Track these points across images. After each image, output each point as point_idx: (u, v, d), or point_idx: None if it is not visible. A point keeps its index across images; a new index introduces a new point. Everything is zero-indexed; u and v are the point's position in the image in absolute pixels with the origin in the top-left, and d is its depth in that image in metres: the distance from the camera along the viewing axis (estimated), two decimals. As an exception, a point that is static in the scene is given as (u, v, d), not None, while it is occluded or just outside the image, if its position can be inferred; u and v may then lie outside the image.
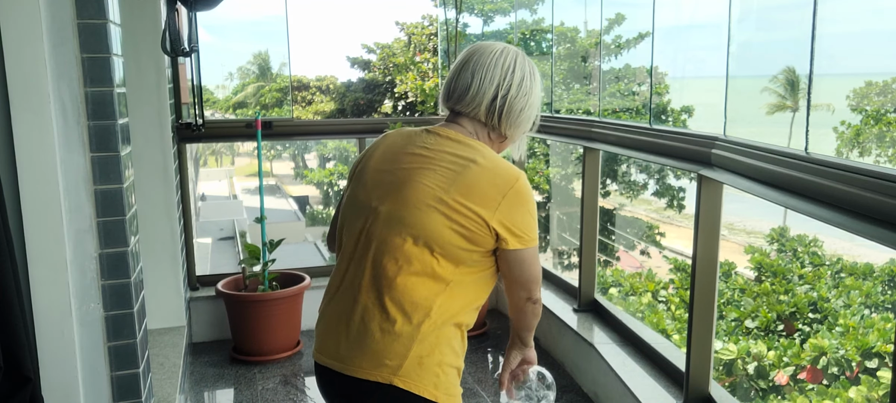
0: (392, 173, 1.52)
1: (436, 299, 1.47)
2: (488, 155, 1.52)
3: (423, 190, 1.47)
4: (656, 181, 15.56)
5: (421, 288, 1.47)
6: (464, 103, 1.55)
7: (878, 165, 2.98)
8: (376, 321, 1.47)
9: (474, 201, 1.45)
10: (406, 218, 1.47)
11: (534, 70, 1.58)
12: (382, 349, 1.46)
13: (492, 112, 1.55)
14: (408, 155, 1.53)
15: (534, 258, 1.54)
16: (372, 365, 1.46)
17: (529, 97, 1.57)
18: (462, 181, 1.46)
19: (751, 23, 8.01)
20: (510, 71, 1.55)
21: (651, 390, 2.85)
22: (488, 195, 1.46)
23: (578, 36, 13.85)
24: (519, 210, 1.48)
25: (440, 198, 1.45)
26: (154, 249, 3.59)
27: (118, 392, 2.17)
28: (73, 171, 2.03)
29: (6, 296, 1.67)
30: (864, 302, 9.23)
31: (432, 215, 1.45)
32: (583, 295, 3.68)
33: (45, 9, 1.93)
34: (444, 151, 1.51)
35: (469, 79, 1.54)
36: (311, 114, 14.79)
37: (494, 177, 1.48)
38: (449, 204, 1.45)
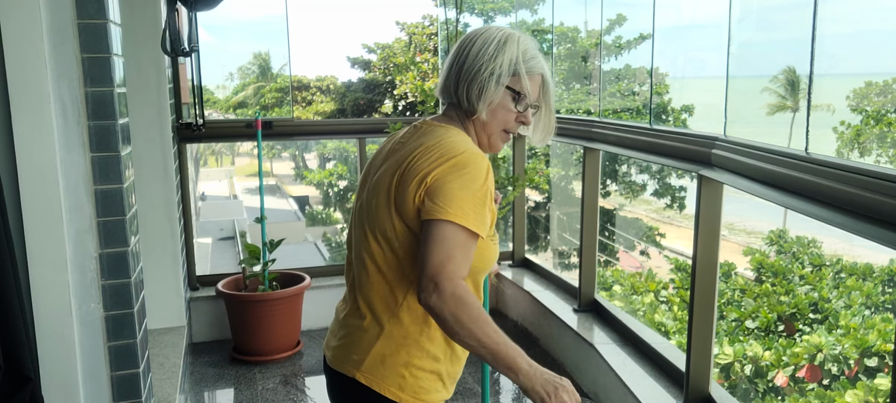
0: (372, 173, 1.50)
1: (402, 297, 1.43)
2: (447, 135, 1.42)
3: (380, 180, 1.44)
4: (656, 181, 15.57)
5: (379, 286, 1.44)
6: (440, 90, 1.53)
7: (878, 165, 2.98)
8: (351, 316, 1.49)
9: (409, 176, 1.37)
10: (367, 214, 1.46)
11: (508, 39, 1.46)
12: (351, 343, 1.47)
13: (453, 87, 1.48)
14: (387, 152, 1.50)
15: (450, 238, 1.31)
16: (342, 358, 1.48)
17: (488, 61, 1.43)
18: (407, 162, 1.39)
19: (751, 23, 8.02)
20: (471, 41, 1.47)
21: (651, 390, 2.85)
22: (420, 166, 1.37)
23: (579, 36, 13.85)
24: (449, 178, 1.34)
25: (388, 185, 1.41)
26: (154, 249, 3.59)
27: (118, 392, 2.17)
28: (73, 171, 2.03)
29: (6, 296, 1.67)
30: (865, 302, 9.23)
31: (381, 204, 1.42)
32: (583, 295, 3.68)
33: (45, 9, 1.93)
34: (413, 140, 1.45)
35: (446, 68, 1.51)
36: (312, 114, 14.80)
37: (436, 150, 1.38)
38: (391, 189, 1.40)
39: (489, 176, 1.39)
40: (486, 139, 1.52)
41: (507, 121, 1.50)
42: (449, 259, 1.30)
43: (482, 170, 1.37)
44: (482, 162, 1.38)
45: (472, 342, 1.29)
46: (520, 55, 1.45)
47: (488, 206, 1.38)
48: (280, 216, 20.90)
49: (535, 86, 1.50)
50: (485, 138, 1.51)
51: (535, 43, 1.51)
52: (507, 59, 1.44)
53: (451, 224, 1.31)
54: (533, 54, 1.48)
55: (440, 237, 1.31)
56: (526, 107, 1.49)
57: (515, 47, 1.45)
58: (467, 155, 1.37)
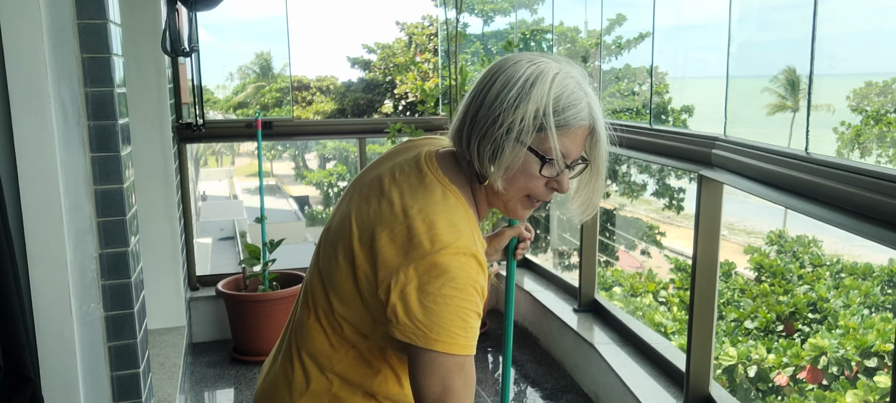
0: (348, 199, 1.24)
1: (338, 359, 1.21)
2: (439, 206, 1.11)
3: (340, 226, 1.19)
4: (656, 181, 15.57)
5: (324, 339, 1.21)
6: (452, 134, 1.19)
7: (878, 165, 2.98)
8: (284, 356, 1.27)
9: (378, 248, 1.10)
10: (321, 256, 1.23)
11: (539, 78, 1.09)
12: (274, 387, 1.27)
13: (465, 140, 1.15)
14: (371, 181, 1.21)
15: (441, 366, 1.07)
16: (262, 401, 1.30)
17: (507, 111, 1.09)
18: (377, 226, 1.12)
19: (751, 23, 8.01)
20: (492, 78, 1.13)
21: (651, 390, 2.85)
22: (391, 252, 1.09)
23: (579, 36, 13.86)
24: (429, 290, 1.06)
25: (350, 238, 1.15)
26: (154, 249, 3.59)
27: (118, 392, 2.17)
28: (73, 171, 2.03)
29: (6, 296, 1.67)
30: (864, 302, 9.23)
31: (340, 256, 1.16)
32: (583, 295, 3.68)
33: (45, 9, 1.93)
34: (399, 185, 1.16)
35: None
36: (312, 114, 14.80)
37: (417, 231, 1.08)
38: (356, 249, 1.14)
39: (480, 275, 1.10)
40: (501, 205, 1.20)
41: (531, 188, 1.15)
42: (446, 392, 1.08)
43: (469, 273, 1.08)
44: (472, 261, 1.08)
45: None
46: (549, 102, 1.08)
47: (480, 310, 1.11)
48: (280, 216, 20.91)
49: (574, 143, 1.13)
50: (500, 204, 1.19)
51: (578, 79, 1.13)
52: (531, 109, 1.08)
53: (437, 353, 1.07)
54: (572, 100, 1.10)
55: (428, 368, 1.08)
56: (557, 172, 1.13)
57: (545, 90, 1.08)
58: (453, 253, 1.06)
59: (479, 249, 1.11)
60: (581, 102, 1.12)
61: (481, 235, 1.18)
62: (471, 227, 1.13)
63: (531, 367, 3.64)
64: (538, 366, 3.64)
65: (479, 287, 1.10)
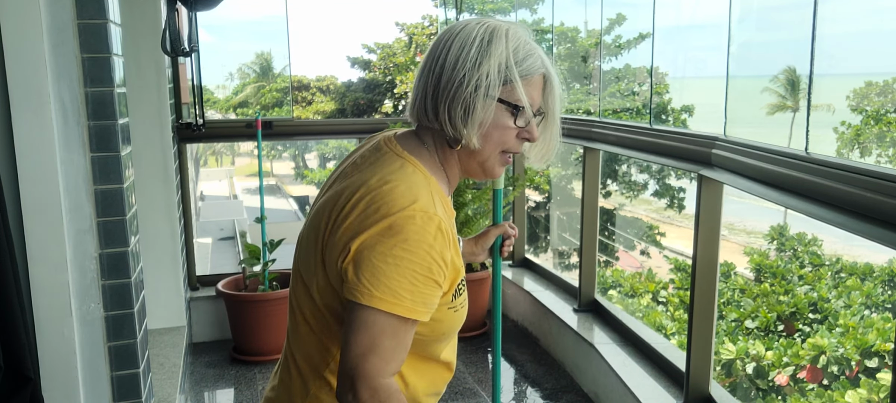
0: (321, 196, 1.24)
1: (331, 357, 1.20)
2: (397, 176, 1.13)
3: (316, 217, 1.18)
4: (656, 181, 15.57)
5: (314, 339, 1.20)
6: (413, 112, 1.21)
7: (878, 165, 2.98)
8: (283, 366, 1.28)
9: (338, 226, 1.11)
10: (298, 253, 1.24)
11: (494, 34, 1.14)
12: (277, 399, 1.27)
13: (432, 110, 1.16)
14: (339, 174, 1.24)
15: (374, 325, 1.05)
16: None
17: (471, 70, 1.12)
18: (340, 201, 1.13)
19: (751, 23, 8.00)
20: (445, 45, 1.16)
21: (651, 390, 2.85)
22: (352, 220, 1.09)
23: (579, 36, 13.86)
24: (380, 248, 1.06)
25: (319, 225, 1.15)
26: (154, 249, 3.59)
27: (118, 392, 2.17)
28: (73, 171, 2.03)
29: (6, 296, 1.67)
30: (864, 302, 9.23)
31: (311, 247, 1.17)
32: (583, 295, 3.68)
33: (45, 9, 1.93)
34: (362, 170, 1.18)
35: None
36: (312, 114, 14.80)
37: (376, 199, 1.09)
38: (322, 232, 1.14)
39: (440, 240, 1.09)
40: (478, 166, 1.21)
41: (505, 142, 1.18)
42: (371, 351, 1.05)
43: (427, 235, 1.07)
44: (428, 224, 1.08)
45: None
46: (510, 55, 1.13)
47: (438, 278, 1.10)
48: (280, 216, 20.91)
49: (535, 91, 1.18)
50: (475, 166, 1.20)
51: (527, 33, 1.19)
52: (495, 64, 1.12)
53: (376, 310, 1.05)
54: (528, 50, 1.16)
55: (361, 324, 1.05)
56: (527, 120, 1.17)
57: (504, 44, 1.13)
58: (408, 215, 1.07)
59: (441, 214, 1.11)
60: (535, 52, 1.17)
61: (448, 203, 1.20)
62: (431, 193, 1.14)
63: (531, 367, 3.64)
64: (538, 366, 3.64)
65: (436, 252, 1.09)
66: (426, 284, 1.08)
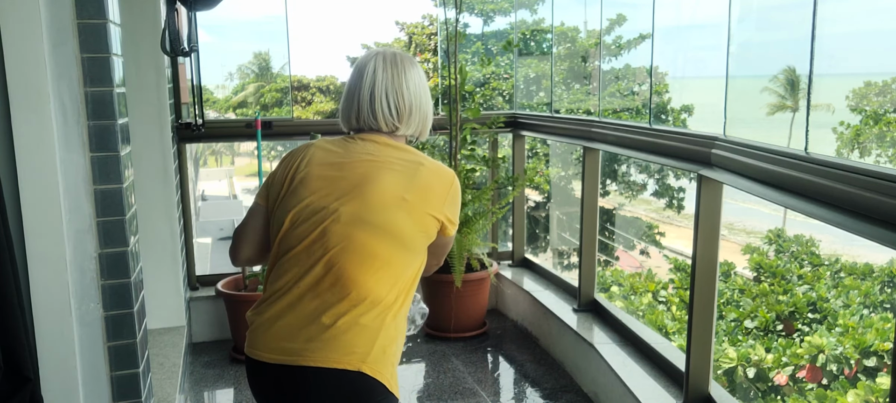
0: (345, 178, 1.59)
1: (395, 292, 1.58)
2: (425, 157, 1.66)
3: (385, 191, 1.57)
4: (656, 181, 15.57)
5: (384, 283, 1.56)
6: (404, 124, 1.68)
7: (878, 165, 2.98)
8: (343, 315, 1.54)
9: (429, 198, 1.60)
10: (372, 217, 1.55)
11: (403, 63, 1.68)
12: (350, 340, 1.53)
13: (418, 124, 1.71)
14: (357, 160, 1.61)
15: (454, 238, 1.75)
16: (340, 355, 1.52)
17: (425, 94, 1.70)
18: (418, 182, 1.60)
19: (751, 23, 8.00)
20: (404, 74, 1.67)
21: (651, 390, 2.85)
22: (438, 193, 1.62)
23: (578, 36, 13.86)
24: (456, 204, 1.67)
25: (403, 197, 1.57)
26: (154, 249, 3.59)
27: (118, 392, 2.17)
28: (72, 171, 2.03)
29: (6, 296, 1.67)
30: (863, 301, 9.23)
31: (398, 213, 1.57)
32: (583, 294, 3.68)
33: (44, 9, 1.93)
34: (390, 156, 1.62)
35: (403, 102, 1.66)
36: (311, 114, 14.79)
37: (440, 178, 1.64)
38: (410, 202, 1.57)
39: None
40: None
41: None
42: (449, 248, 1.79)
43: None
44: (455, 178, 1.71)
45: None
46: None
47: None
48: (280, 216, 20.83)
49: None
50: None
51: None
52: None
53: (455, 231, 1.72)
54: None
55: (452, 241, 1.74)
56: None
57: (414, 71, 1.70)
58: (457, 180, 1.69)
59: None
60: None
61: None
62: None
63: (531, 367, 3.64)
64: (538, 366, 3.64)
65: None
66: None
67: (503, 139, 4.98)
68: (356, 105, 1.65)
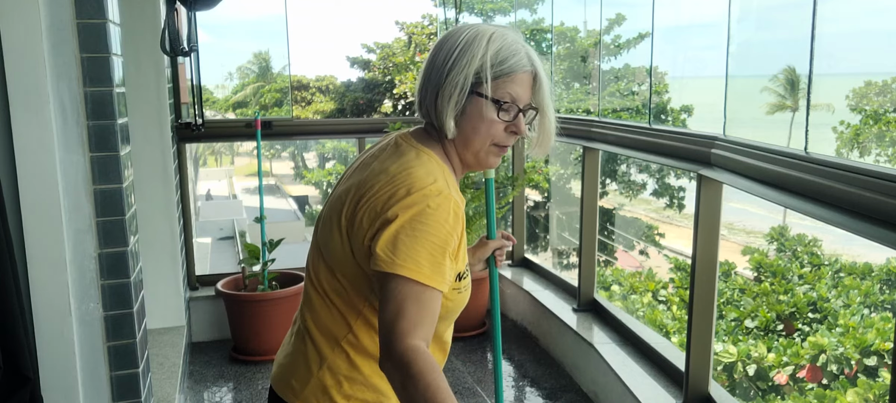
0: (341, 185, 1.37)
1: (347, 329, 1.30)
2: (414, 163, 1.25)
3: (338, 201, 1.30)
4: (656, 181, 15.57)
5: (332, 313, 1.31)
6: (417, 107, 1.35)
7: (878, 165, 2.98)
8: (298, 336, 1.37)
9: (365, 207, 1.22)
10: (318, 235, 1.35)
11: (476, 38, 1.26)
12: (292, 365, 1.36)
13: (426, 103, 1.31)
14: (358, 165, 1.36)
15: (400, 292, 1.14)
16: (282, 381, 1.38)
17: (453, 68, 1.25)
18: (365, 186, 1.25)
19: (751, 22, 8.02)
20: (438, 47, 1.30)
21: (651, 389, 2.85)
22: (378, 200, 1.21)
23: (578, 36, 13.86)
24: (404, 223, 1.17)
25: (343, 208, 1.27)
26: (154, 249, 3.59)
27: (118, 392, 2.17)
28: (72, 171, 2.03)
29: (6, 296, 1.67)
30: (864, 301, 9.23)
31: (335, 228, 1.28)
32: (582, 294, 3.68)
33: (44, 9, 1.93)
34: (382, 160, 1.29)
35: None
36: (311, 114, 14.79)
37: (398, 182, 1.21)
38: (345, 213, 1.26)
39: (455, 219, 1.21)
40: (473, 157, 1.32)
41: (494, 135, 1.29)
42: (398, 315, 1.13)
43: (445, 213, 1.19)
44: (446, 203, 1.19)
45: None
46: (489, 57, 1.25)
47: (452, 254, 1.21)
48: (279, 216, 20.90)
49: (521, 88, 1.28)
50: (470, 156, 1.32)
51: (515, 38, 1.29)
52: (477, 62, 1.24)
53: (399, 277, 1.14)
54: (510, 52, 1.26)
55: (388, 292, 1.15)
56: (514, 114, 1.28)
57: (483, 47, 1.25)
58: (428, 193, 1.19)
59: (455, 195, 1.24)
60: (520, 52, 1.28)
61: (458, 190, 1.31)
62: (445, 178, 1.26)
63: (531, 367, 3.64)
64: (538, 366, 3.64)
65: (451, 226, 1.20)
66: (443, 256, 1.19)
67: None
68: None
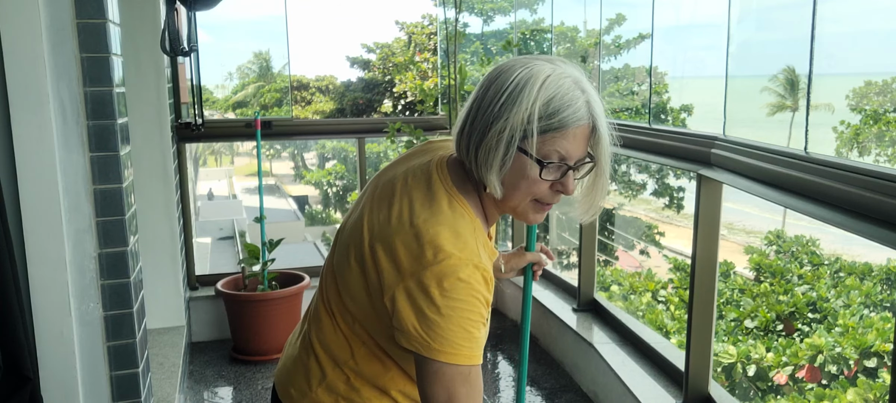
0: (366, 196, 1.26)
1: (350, 355, 1.24)
2: (443, 214, 1.11)
3: (350, 232, 1.21)
4: (656, 181, 15.57)
5: (339, 336, 1.24)
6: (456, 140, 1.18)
7: (878, 165, 2.98)
8: (303, 345, 1.31)
9: (382, 256, 1.12)
10: (335, 257, 1.25)
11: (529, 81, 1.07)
12: (294, 372, 1.31)
13: (459, 143, 1.15)
14: (375, 189, 1.24)
15: (445, 376, 1.08)
16: (283, 384, 1.33)
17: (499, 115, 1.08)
18: (383, 232, 1.13)
19: (750, 23, 8.01)
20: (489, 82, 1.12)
21: (650, 389, 2.85)
22: (400, 256, 1.09)
23: (578, 36, 13.86)
24: (431, 302, 1.06)
25: (360, 244, 1.16)
26: (154, 249, 3.59)
27: (117, 392, 2.17)
28: (72, 171, 2.03)
29: (6, 296, 1.67)
30: (864, 301, 9.23)
31: (351, 260, 1.18)
32: (582, 294, 3.68)
33: (44, 9, 1.93)
34: (409, 189, 1.17)
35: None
36: (311, 114, 14.79)
37: (421, 240, 1.08)
38: (365, 255, 1.15)
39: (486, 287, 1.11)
40: (511, 211, 1.17)
41: (534, 192, 1.13)
42: (451, 400, 1.09)
43: (477, 284, 1.08)
44: (476, 274, 1.08)
45: None
46: (538, 108, 1.06)
47: (485, 320, 1.13)
48: (279, 216, 20.91)
49: (573, 144, 1.10)
50: (508, 210, 1.18)
51: (574, 82, 1.10)
52: (522, 113, 1.06)
53: (440, 363, 1.08)
54: (564, 102, 1.08)
55: (433, 376, 1.09)
56: (562, 173, 1.11)
57: (534, 94, 1.06)
58: (458, 265, 1.06)
59: (484, 260, 1.12)
60: (577, 101, 1.09)
61: (488, 244, 1.18)
62: (476, 238, 1.12)
63: (530, 367, 3.64)
64: (537, 366, 3.64)
65: (483, 297, 1.10)
66: (478, 328, 1.11)
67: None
68: None
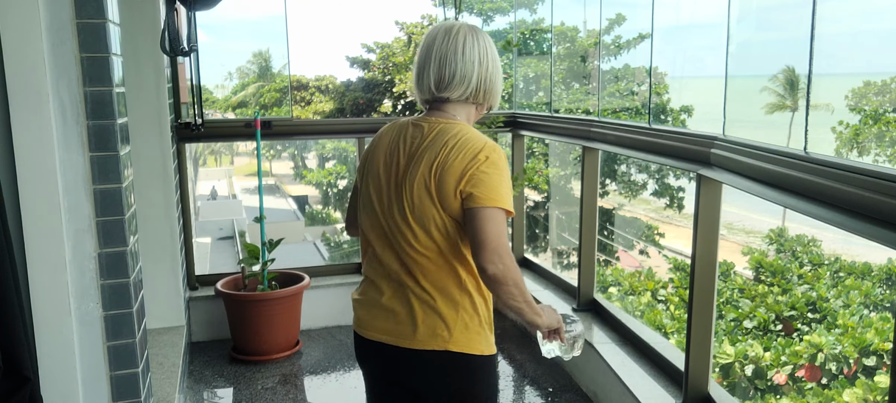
0: (396, 168, 1.68)
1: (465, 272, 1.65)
2: (463, 132, 1.65)
3: (416, 179, 1.62)
4: (656, 181, 15.57)
5: (448, 267, 1.64)
6: (450, 90, 1.68)
7: (878, 165, 2.98)
8: (420, 301, 1.65)
9: (448, 175, 1.59)
10: (408, 208, 1.63)
11: (487, 39, 1.72)
12: (432, 323, 1.64)
13: (478, 91, 1.71)
14: (404, 150, 1.68)
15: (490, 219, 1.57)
16: (427, 337, 1.65)
17: (498, 68, 1.73)
18: (439, 161, 1.61)
19: (750, 22, 8.01)
20: (483, 51, 1.69)
21: (650, 389, 2.85)
22: (457, 165, 1.60)
23: (578, 36, 13.86)
24: (486, 171, 1.59)
25: (427, 183, 1.61)
26: (153, 249, 3.59)
27: (117, 392, 2.17)
28: (72, 171, 2.03)
29: (5, 296, 1.67)
30: (863, 301, 9.23)
31: (425, 200, 1.62)
32: (582, 294, 3.68)
33: (44, 8, 1.93)
34: (431, 140, 1.65)
35: (447, 69, 1.67)
36: (311, 114, 14.79)
37: (464, 148, 1.61)
38: (432, 186, 1.61)
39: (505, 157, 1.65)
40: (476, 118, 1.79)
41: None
42: (501, 235, 1.56)
43: (503, 156, 1.63)
44: (498, 149, 1.63)
45: (519, 301, 1.61)
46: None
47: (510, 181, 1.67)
48: (279, 215, 20.91)
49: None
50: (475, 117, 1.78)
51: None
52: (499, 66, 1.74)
53: (495, 209, 1.56)
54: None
55: (492, 220, 1.56)
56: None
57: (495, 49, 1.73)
58: (492, 148, 1.62)
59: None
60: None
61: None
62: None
63: (530, 367, 3.65)
64: (537, 366, 3.65)
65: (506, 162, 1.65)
66: (509, 184, 1.62)
67: (502, 138, 4.98)
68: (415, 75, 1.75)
